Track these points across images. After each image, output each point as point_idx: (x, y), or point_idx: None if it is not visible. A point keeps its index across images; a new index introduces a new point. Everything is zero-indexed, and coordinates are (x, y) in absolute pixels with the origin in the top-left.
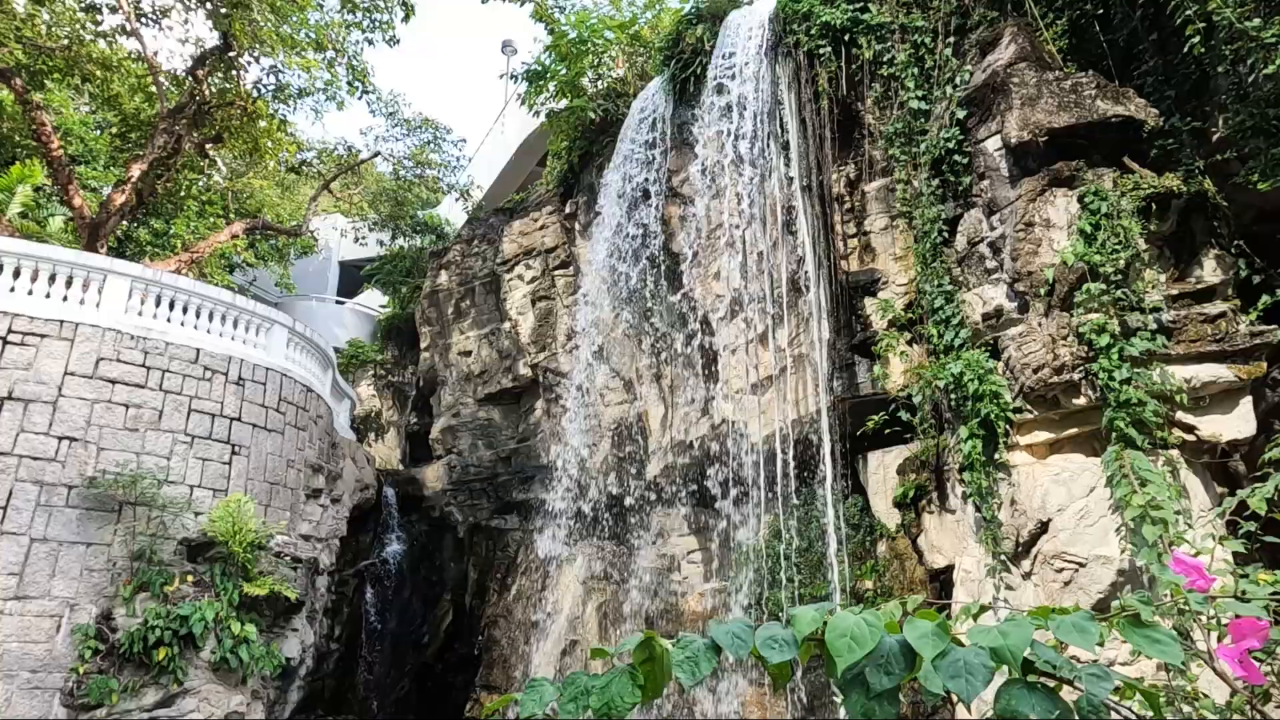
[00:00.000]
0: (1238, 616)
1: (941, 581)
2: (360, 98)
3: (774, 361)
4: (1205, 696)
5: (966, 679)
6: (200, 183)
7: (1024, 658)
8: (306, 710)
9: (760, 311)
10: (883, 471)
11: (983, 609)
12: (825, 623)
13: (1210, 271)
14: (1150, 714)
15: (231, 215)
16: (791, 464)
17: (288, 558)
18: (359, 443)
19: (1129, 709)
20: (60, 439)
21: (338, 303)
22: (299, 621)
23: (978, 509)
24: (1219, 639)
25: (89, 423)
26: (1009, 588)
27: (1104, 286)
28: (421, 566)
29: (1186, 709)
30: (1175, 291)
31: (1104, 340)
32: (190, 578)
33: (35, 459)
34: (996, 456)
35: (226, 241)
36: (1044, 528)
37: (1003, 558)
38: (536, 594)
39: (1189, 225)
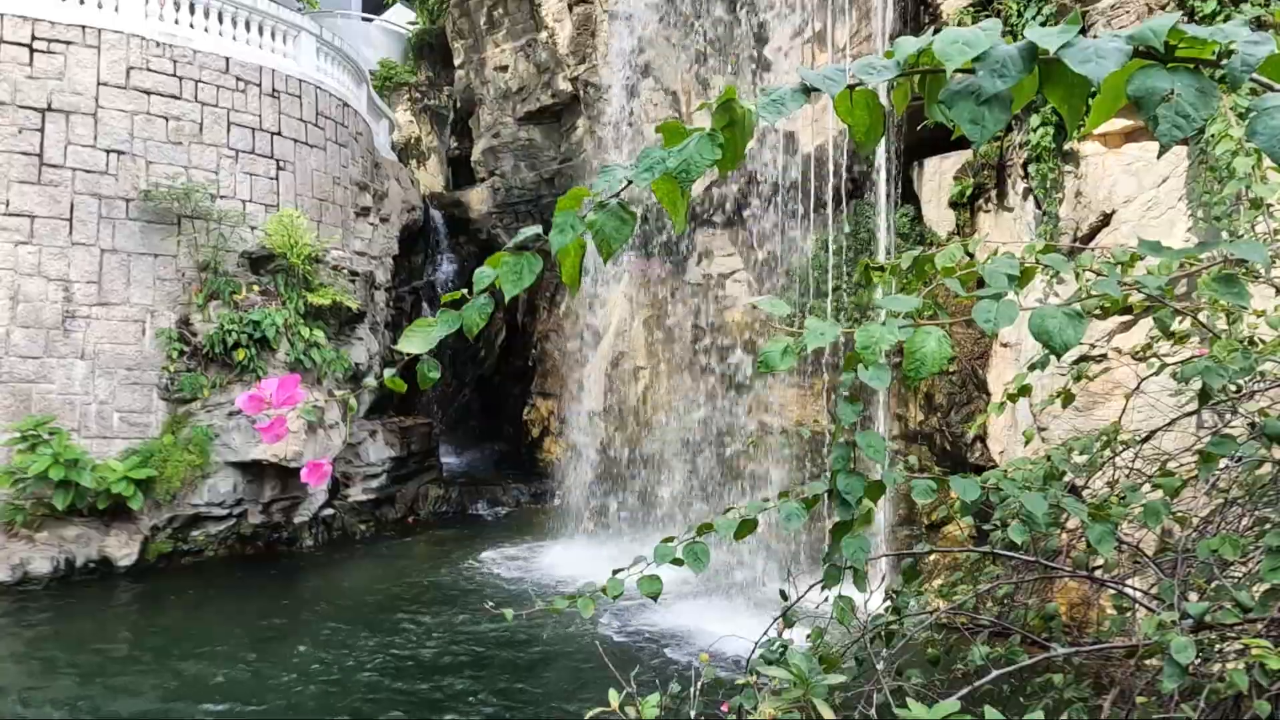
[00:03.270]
0: None
1: None
2: None
3: (831, 62)
4: None
5: (1097, 61)
6: None
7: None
8: (379, 412)
9: (818, 5)
10: (939, 178)
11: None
12: (928, 47)
13: None
14: None
15: None
16: (844, 174)
17: (345, 270)
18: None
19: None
20: (108, 152)
21: (364, 19)
22: (363, 330)
23: (1039, 204)
24: None
25: (132, 135)
26: (1061, 283)
27: None
28: None
29: None
30: None
31: (1211, 5)
32: (256, 287)
33: (88, 172)
34: (1067, 146)
35: None
36: (1106, 220)
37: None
38: (585, 310)
39: None
